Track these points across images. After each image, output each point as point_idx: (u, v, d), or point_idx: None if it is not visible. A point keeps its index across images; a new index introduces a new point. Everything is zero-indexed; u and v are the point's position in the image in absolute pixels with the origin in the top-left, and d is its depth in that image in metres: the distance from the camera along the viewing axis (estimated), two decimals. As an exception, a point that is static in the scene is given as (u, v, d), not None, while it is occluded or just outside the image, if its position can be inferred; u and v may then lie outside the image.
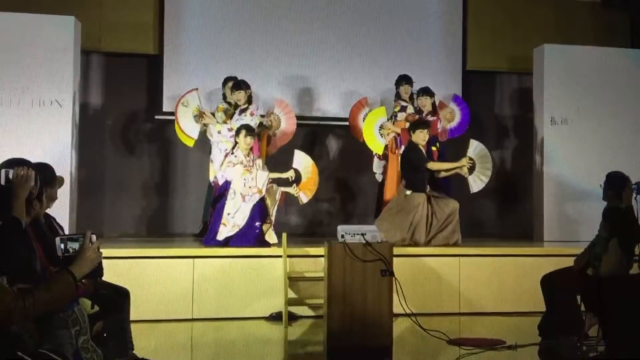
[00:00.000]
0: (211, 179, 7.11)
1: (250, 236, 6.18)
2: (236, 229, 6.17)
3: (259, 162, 6.46)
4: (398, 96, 7.42)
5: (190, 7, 8.17)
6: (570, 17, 8.90)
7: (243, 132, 6.31)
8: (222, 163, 6.55)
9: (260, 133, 6.92)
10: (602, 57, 8.00)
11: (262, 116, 7.08)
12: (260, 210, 6.24)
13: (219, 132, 6.88)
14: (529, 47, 8.17)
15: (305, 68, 8.33)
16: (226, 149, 6.70)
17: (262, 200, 6.29)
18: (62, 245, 2.52)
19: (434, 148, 6.80)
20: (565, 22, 8.86)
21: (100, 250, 2.57)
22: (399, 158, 6.93)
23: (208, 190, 7.37)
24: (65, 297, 2.45)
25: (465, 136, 7.56)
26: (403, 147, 6.91)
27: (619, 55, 8.12)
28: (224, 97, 7.27)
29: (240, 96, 6.81)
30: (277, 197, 6.47)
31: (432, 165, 6.63)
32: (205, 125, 7.04)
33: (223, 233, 6.19)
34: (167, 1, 8.10)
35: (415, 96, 7.33)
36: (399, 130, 7.11)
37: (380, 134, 7.24)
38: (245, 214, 6.18)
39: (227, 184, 6.41)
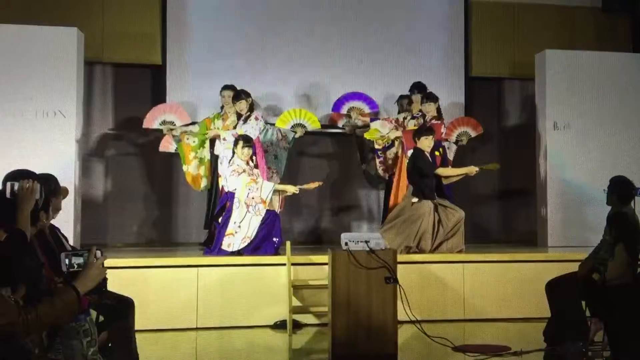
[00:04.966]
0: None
1: (267, 250, 6.17)
2: (247, 241, 6.14)
3: (257, 171, 6.45)
4: (410, 103, 7.49)
5: (193, 17, 8.20)
6: (571, 23, 8.92)
7: (241, 142, 6.28)
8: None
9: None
10: (604, 61, 8.02)
11: (267, 123, 7.13)
12: (277, 224, 6.23)
13: (224, 139, 6.88)
14: (531, 53, 8.19)
15: (306, 76, 8.33)
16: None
17: (276, 215, 6.30)
18: (67, 261, 2.52)
19: (437, 153, 6.79)
20: (567, 27, 8.88)
21: (105, 266, 2.58)
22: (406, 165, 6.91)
23: (208, 199, 7.36)
24: (69, 312, 2.45)
25: (469, 142, 7.58)
26: (409, 152, 6.88)
27: (620, 59, 8.13)
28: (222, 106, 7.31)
29: (242, 106, 6.83)
30: (277, 204, 6.47)
31: (442, 171, 6.62)
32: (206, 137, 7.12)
33: (234, 244, 6.15)
34: (170, 11, 8.14)
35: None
36: (400, 134, 7.15)
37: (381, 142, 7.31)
38: (255, 225, 6.15)
39: (227, 195, 6.41)
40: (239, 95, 6.87)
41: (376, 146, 7.37)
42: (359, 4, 8.53)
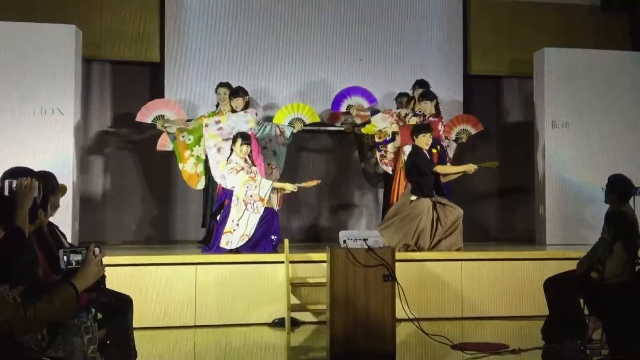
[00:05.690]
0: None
1: (265, 247, 6.18)
2: (246, 239, 6.15)
3: (255, 169, 6.44)
4: (409, 101, 7.53)
5: (191, 15, 8.19)
6: (570, 21, 8.92)
7: (239, 140, 6.27)
8: (221, 164, 6.52)
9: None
10: (603, 60, 8.01)
11: (265, 120, 7.14)
12: (275, 222, 6.24)
13: (207, 126, 6.78)
14: (530, 51, 8.19)
15: (305, 74, 8.33)
16: (215, 144, 6.69)
17: (275, 213, 6.30)
18: (65, 258, 2.52)
19: (434, 151, 6.79)
20: (566, 25, 8.88)
21: (103, 263, 2.58)
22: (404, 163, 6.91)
23: (205, 196, 7.35)
24: (67, 310, 2.45)
25: (469, 140, 7.59)
26: (405, 148, 6.87)
27: (619, 58, 8.12)
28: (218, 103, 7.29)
29: (238, 103, 6.81)
30: (275, 202, 6.47)
31: (440, 169, 6.62)
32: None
33: (232, 242, 6.16)
34: (168, 8, 8.12)
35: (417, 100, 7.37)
36: (396, 129, 7.15)
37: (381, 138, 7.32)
38: (253, 223, 6.15)
39: (225, 193, 6.39)
40: (237, 92, 6.86)
41: (376, 139, 7.36)
42: (358, 2, 8.52)
